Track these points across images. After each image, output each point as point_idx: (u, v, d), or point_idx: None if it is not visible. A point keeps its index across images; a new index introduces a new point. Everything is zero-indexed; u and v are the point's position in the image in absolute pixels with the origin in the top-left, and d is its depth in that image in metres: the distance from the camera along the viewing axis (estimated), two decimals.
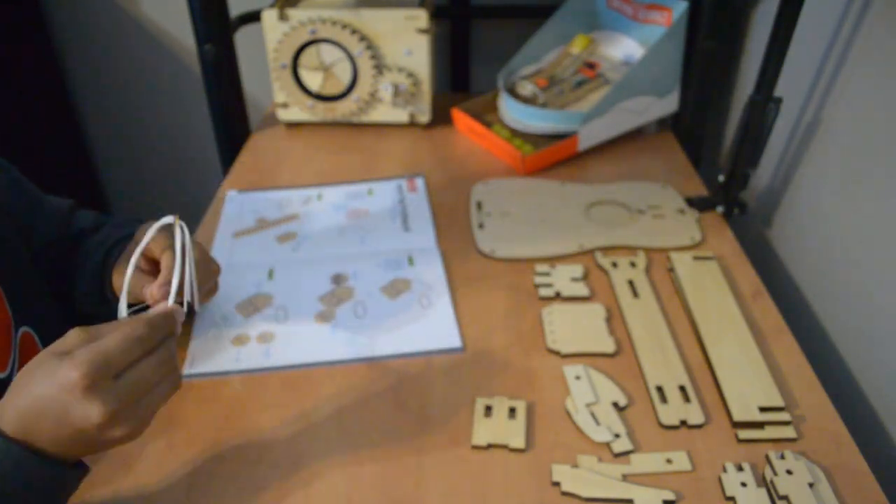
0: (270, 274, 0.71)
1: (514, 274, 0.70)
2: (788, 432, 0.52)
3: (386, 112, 0.96)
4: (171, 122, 1.34)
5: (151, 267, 0.54)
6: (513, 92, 0.92)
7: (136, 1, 1.19)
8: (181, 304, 0.47)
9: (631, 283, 0.68)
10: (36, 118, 1.28)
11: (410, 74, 0.92)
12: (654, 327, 0.63)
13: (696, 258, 0.70)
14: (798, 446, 0.52)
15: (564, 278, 0.68)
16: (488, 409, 0.55)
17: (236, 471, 0.51)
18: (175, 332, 0.44)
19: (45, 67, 1.26)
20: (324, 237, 0.76)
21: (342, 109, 0.95)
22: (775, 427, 0.53)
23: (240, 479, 0.50)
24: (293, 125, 0.99)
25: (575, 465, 0.51)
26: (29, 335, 0.58)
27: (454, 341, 0.62)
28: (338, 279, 0.70)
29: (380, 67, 0.92)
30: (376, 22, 0.89)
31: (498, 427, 0.53)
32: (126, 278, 0.48)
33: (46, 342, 0.58)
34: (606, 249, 0.73)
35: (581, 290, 0.67)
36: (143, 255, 0.53)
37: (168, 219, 0.49)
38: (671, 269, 0.69)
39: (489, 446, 0.52)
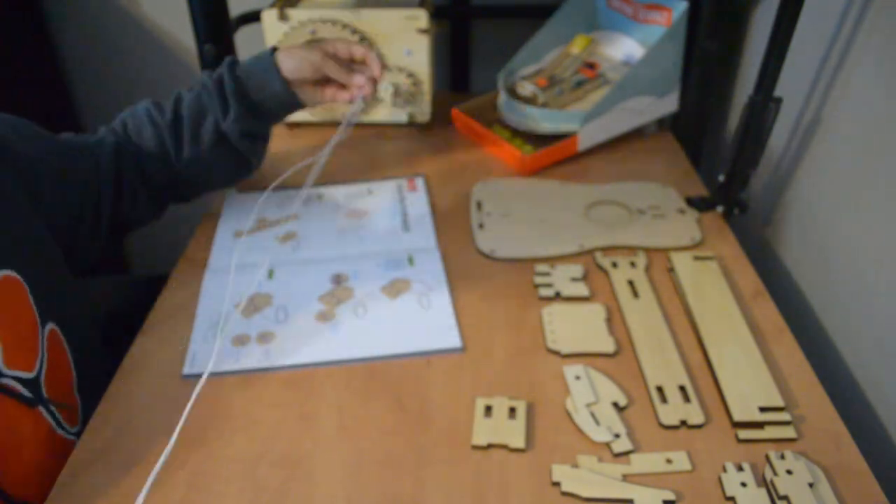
0: (270, 274, 0.71)
1: (514, 274, 0.70)
2: (788, 432, 0.52)
3: (386, 112, 0.96)
4: None
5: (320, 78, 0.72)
6: (513, 92, 0.92)
7: (136, 1, 1.19)
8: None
9: (631, 283, 0.68)
10: (36, 118, 1.27)
11: (410, 74, 0.92)
12: (654, 327, 0.63)
13: (696, 258, 0.70)
14: (798, 446, 0.52)
15: (564, 278, 0.68)
16: (488, 409, 0.55)
17: (236, 471, 0.51)
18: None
19: (44, 67, 1.26)
20: (324, 237, 0.76)
21: (342, 109, 0.95)
22: (775, 427, 0.53)
23: (240, 479, 0.50)
24: (293, 125, 0.99)
25: (575, 465, 0.51)
26: (55, 332, 0.58)
27: (454, 341, 0.62)
28: (338, 279, 0.70)
29: None
30: (376, 22, 0.89)
31: (498, 427, 0.53)
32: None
33: (71, 340, 0.60)
34: (606, 249, 0.73)
35: (581, 290, 0.67)
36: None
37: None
38: (671, 269, 0.69)
39: (489, 446, 0.52)
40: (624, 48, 0.94)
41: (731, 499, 0.48)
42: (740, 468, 0.50)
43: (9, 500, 0.50)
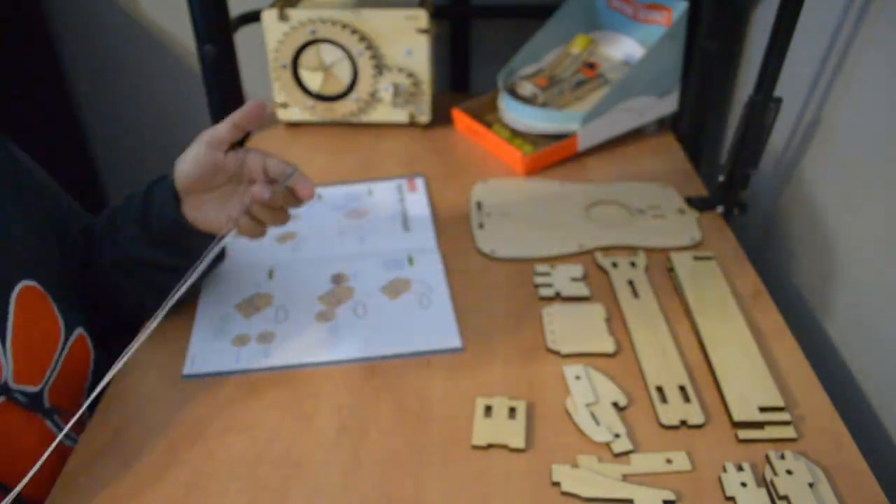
0: (270, 274, 0.71)
1: (514, 274, 0.70)
2: (788, 432, 0.52)
3: (386, 112, 0.96)
4: (172, 122, 1.34)
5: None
6: (513, 92, 0.92)
7: (136, 1, 1.19)
8: None
9: (631, 283, 0.68)
10: (36, 118, 1.28)
11: (410, 74, 0.92)
12: (654, 327, 0.63)
13: (696, 258, 0.70)
14: (798, 446, 0.52)
15: (564, 278, 0.68)
16: (488, 409, 0.55)
17: (236, 471, 0.51)
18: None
19: (45, 67, 1.26)
20: (324, 237, 0.76)
21: (342, 109, 0.95)
22: (775, 427, 0.53)
23: (240, 479, 0.50)
24: (293, 125, 0.99)
25: (575, 465, 0.51)
26: (83, 338, 0.60)
27: (454, 341, 0.62)
28: (338, 279, 0.70)
29: (380, 67, 0.92)
30: (376, 22, 0.89)
31: (498, 427, 0.53)
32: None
33: (98, 341, 0.61)
34: (606, 249, 0.73)
35: (581, 290, 0.67)
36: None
37: None
38: (671, 269, 0.69)
39: (489, 446, 0.52)
40: (624, 48, 0.94)
41: (731, 499, 0.48)
42: (740, 468, 0.50)
43: (22, 502, 0.50)
